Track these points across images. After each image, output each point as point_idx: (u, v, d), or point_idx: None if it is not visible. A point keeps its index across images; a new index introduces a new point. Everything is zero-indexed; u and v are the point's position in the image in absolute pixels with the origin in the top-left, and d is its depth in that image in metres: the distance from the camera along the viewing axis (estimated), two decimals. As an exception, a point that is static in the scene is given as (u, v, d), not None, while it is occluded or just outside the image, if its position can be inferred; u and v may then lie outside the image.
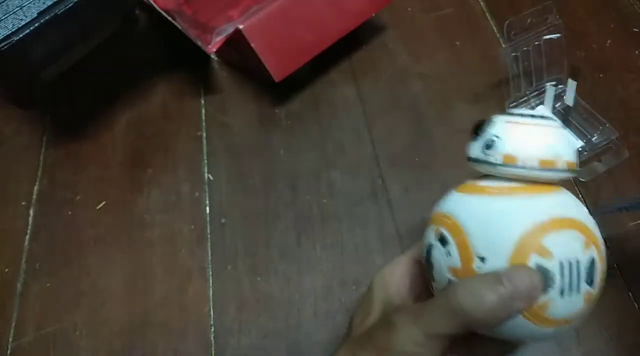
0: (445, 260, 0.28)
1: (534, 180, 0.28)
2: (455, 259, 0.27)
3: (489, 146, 0.29)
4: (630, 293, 0.45)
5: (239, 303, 0.46)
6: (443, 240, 0.28)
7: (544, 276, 0.25)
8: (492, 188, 0.28)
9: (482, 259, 0.26)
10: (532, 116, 0.29)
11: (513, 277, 0.25)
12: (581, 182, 0.51)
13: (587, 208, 0.28)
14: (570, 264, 0.26)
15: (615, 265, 0.45)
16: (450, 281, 0.28)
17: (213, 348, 0.44)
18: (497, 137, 0.28)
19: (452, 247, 0.27)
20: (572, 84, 0.51)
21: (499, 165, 0.28)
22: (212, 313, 0.46)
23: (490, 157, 0.28)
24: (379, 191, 0.52)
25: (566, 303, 0.26)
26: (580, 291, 0.26)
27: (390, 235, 0.49)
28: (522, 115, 0.29)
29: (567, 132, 0.29)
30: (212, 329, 0.45)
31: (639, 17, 0.63)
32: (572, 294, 0.26)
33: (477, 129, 0.30)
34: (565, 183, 0.29)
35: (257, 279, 0.47)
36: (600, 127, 0.53)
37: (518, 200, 0.27)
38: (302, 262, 0.48)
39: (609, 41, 0.61)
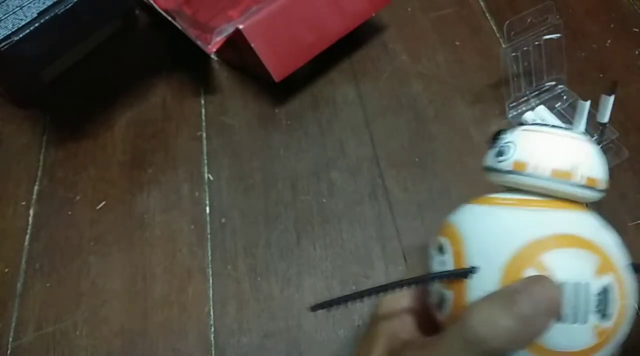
0: (439, 270, 0.26)
1: (548, 193, 0.26)
2: (449, 268, 0.25)
3: (501, 153, 0.27)
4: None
5: (239, 303, 0.46)
6: (441, 249, 0.26)
7: None
8: (502, 199, 0.26)
9: (474, 269, 0.24)
10: (555, 126, 0.27)
11: (528, 291, 0.22)
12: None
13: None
14: (573, 287, 0.23)
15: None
16: (443, 296, 0.25)
17: (213, 348, 0.44)
18: (510, 143, 0.26)
19: (448, 255, 0.26)
20: (606, 100, 0.48)
21: (508, 172, 0.26)
22: (212, 313, 0.46)
23: (500, 164, 0.26)
24: (379, 191, 0.52)
25: (567, 333, 0.23)
26: (588, 322, 0.23)
27: (390, 235, 0.49)
28: (544, 125, 0.27)
29: (598, 149, 0.27)
30: (212, 329, 0.45)
31: (639, 17, 0.63)
32: (576, 323, 0.23)
33: (494, 137, 0.28)
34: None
35: (257, 279, 0.47)
36: (600, 127, 0.53)
37: (525, 211, 0.25)
38: (302, 262, 0.48)
39: (609, 41, 0.61)
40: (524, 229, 0.24)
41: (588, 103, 0.48)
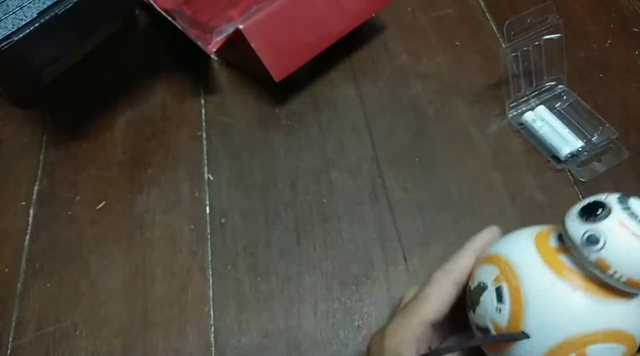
0: (493, 312, 0.29)
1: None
2: (503, 319, 0.28)
3: (590, 241, 0.27)
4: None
5: (239, 303, 0.46)
6: (499, 294, 0.29)
7: None
8: (569, 272, 0.28)
9: (527, 336, 0.27)
10: None
11: None
12: (581, 181, 0.51)
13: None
14: None
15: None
16: (489, 330, 0.29)
17: (213, 348, 0.44)
18: (603, 235, 0.27)
19: (506, 307, 0.28)
20: None
21: (589, 262, 0.27)
22: (212, 313, 0.46)
23: (585, 249, 0.27)
24: (379, 191, 0.52)
25: None
26: None
27: (390, 235, 0.49)
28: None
29: None
30: (212, 329, 0.45)
31: (639, 17, 0.63)
32: None
33: (591, 211, 0.28)
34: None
35: (257, 279, 0.47)
36: (600, 127, 0.53)
37: (587, 299, 0.27)
38: (302, 262, 0.48)
39: (609, 41, 0.61)
40: (583, 320, 0.27)
41: None
